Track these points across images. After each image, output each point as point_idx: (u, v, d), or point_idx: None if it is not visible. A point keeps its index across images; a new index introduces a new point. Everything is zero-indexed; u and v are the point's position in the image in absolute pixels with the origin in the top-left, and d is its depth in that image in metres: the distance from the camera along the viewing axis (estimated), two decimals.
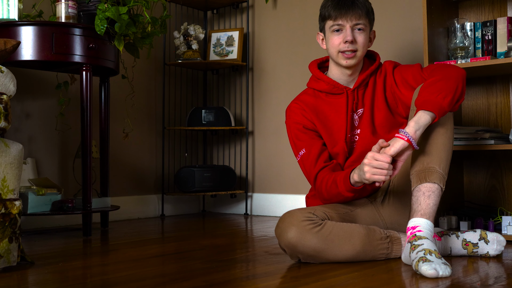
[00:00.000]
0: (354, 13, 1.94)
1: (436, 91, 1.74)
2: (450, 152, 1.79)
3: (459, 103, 1.79)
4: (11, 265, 1.73)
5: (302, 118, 2.02)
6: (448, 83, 1.76)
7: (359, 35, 1.96)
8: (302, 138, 2.00)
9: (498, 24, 2.42)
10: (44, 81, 2.94)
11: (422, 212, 1.72)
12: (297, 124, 2.02)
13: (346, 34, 1.94)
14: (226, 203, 3.70)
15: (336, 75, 2.04)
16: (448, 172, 1.78)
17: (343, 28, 1.96)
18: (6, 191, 1.72)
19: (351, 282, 1.52)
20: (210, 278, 1.61)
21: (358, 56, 1.97)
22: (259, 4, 3.61)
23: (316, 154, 1.96)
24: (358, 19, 1.95)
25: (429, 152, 1.76)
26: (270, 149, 3.51)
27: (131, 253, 2.09)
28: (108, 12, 2.42)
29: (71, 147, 3.05)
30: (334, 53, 1.98)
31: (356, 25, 1.95)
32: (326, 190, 1.90)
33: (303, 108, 2.03)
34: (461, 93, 1.78)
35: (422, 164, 1.76)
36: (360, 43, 1.96)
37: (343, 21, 1.95)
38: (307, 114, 2.02)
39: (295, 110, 2.05)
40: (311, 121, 2.02)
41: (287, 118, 2.07)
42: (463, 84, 1.79)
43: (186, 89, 3.72)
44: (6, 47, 1.85)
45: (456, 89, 1.76)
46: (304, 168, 1.99)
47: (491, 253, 1.86)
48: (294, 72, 3.41)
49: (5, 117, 1.73)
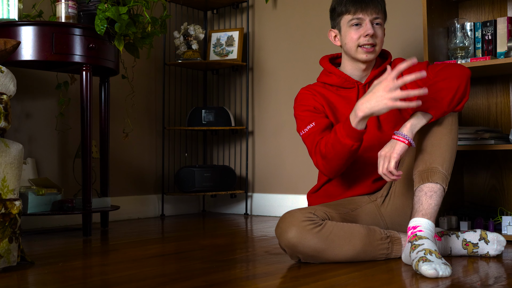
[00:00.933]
0: (374, 7, 1.96)
1: (435, 91, 1.74)
2: (454, 152, 1.79)
3: (462, 103, 1.78)
4: (11, 265, 1.73)
5: (313, 101, 1.99)
6: (449, 83, 1.76)
7: (378, 29, 1.97)
8: (312, 115, 1.96)
9: (498, 24, 2.42)
10: (44, 81, 2.94)
11: (424, 212, 1.72)
12: (308, 106, 1.98)
13: (366, 28, 1.94)
14: (226, 203, 3.70)
15: (349, 70, 2.03)
16: (451, 173, 1.79)
17: (362, 22, 1.95)
18: (6, 191, 1.72)
19: (351, 282, 1.52)
20: (210, 278, 1.61)
21: (376, 50, 1.98)
22: (259, 4, 3.61)
23: (324, 126, 1.92)
24: (377, 13, 1.96)
25: (432, 152, 1.76)
26: (270, 149, 3.51)
27: (131, 253, 2.09)
28: (108, 12, 2.42)
29: (71, 147, 3.05)
30: (353, 48, 1.97)
31: (376, 19, 1.96)
32: (326, 145, 1.84)
33: (314, 93, 2.01)
34: (463, 92, 1.77)
35: (425, 164, 1.76)
36: (379, 38, 1.97)
37: (364, 14, 1.95)
38: (318, 98, 1.99)
39: (306, 96, 2.01)
40: (321, 104, 1.98)
41: (296, 102, 2.03)
42: (466, 83, 1.78)
43: (186, 89, 3.72)
44: (6, 47, 1.85)
45: (458, 89, 1.76)
46: (309, 139, 1.92)
47: (491, 253, 1.86)
48: (294, 72, 3.41)
49: (5, 117, 1.73)
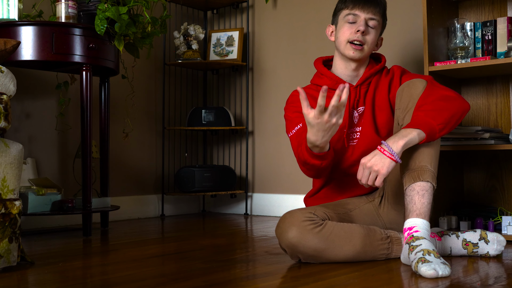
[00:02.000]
0: (372, 6, 1.97)
1: (438, 119, 1.74)
2: (438, 150, 1.80)
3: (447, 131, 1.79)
4: (11, 265, 1.73)
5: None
6: (452, 116, 1.76)
7: (371, 31, 1.98)
8: (300, 117, 1.96)
9: (498, 24, 2.42)
10: (44, 81, 2.94)
11: (418, 212, 1.72)
12: (297, 108, 2.00)
13: (359, 24, 1.96)
14: (226, 203, 3.70)
15: (340, 69, 2.04)
16: (437, 170, 1.79)
17: (357, 19, 1.97)
18: (6, 191, 1.72)
19: (351, 282, 1.52)
20: (210, 278, 1.61)
21: (364, 51, 1.98)
22: (259, 4, 3.61)
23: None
24: (374, 14, 1.97)
25: (419, 151, 1.76)
26: (270, 149, 3.51)
27: (131, 253, 2.09)
28: (108, 12, 2.42)
29: (71, 147, 3.05)
30: (343, 43, 1.99)
31: (371, 20, 1.97)
32: (302, 155, 1.86)
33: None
34: (454, 128, 1.79)
35: (414, 163, 1.76)
36: (370, 39, 1.98)
37: (360, 12, 1.96)
38: (309, 102, 2.00)
39: (296, 98, 2.03)
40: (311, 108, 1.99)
41: (287, 103, 2.06)
42: (460, 120, 1.80)
43: (186, 89, 3.72)
44: (6, 47, 1.85)
45: (454, 125, 1.78)
46: (294, 143, 1.95)
47: (491, 253, 1.86)
48: (294, 72, 3.41)
49: (5, 117, 1.73)
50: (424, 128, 1.72)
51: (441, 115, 1.75)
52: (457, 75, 2.50)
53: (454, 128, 1.79)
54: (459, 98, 1.82)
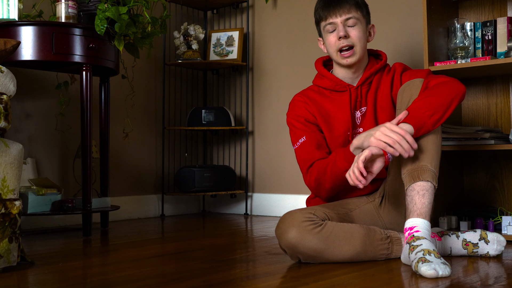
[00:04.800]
0: (342, 7, 1.95)
1: (425, 107, 1.73)
2: (439, 149, 1.78)
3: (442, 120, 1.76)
4: (11, 265, 1.73)
5: (305, 111, 2.02)
6: (442, 100, 1.74)
7: (353, 29, 1.96)
8: (303, 128, 2.00)
9: (498, 24, 2.42)
10: (44, 81, 2.94)
11: (418, 212, 1.71)
12: (299, 117, 2.02)
13: (338, 30, 1.95)
14: (226, 203, 3.70)
15: (340, 73, 2.04)
16: (439, 170, 1.78)
17: (335, 26, 1.97)
18: (6, 191, 1.72)
19: (351, 282, 1.52)
20: (210, 278, 1.61)
21: (357, 51, 1.97)
22: (259, 4, 3.61)
23: (315, 143, 1.96)
24: (348, 13, 1.95)
25: (420, 150, 1.75)
26: (270, 149, 3.51)
27: (131, 253, 2.09)
28: (108, 12, 2.42)
29: (71, 147, 3.05)
30: (334, 54, 1.99)
31: (347, 20, 1.96)
32: (318, 169, 1.90)
33: (306, 101, 2.03)
34: (451, 112, 1.76)
35: (414, 163, 1.75)
36: (355, 37, 1.96)
37: (333, 18, 1.96)
38: (310, 107, 2.02)
39: (298, 104, 2.05)
40: (313, 115, 2.01)
41: (289, 110, 2.07)
42: (457, 103, 1.77)
43: (186, 89, 3.72)
44: (6, 47, 1.85)
45: (447, 109, 1.75)
46: (301, 155, 1.97)
47: (491, 253, 1.85)
48: (294, 72, 3.41)
49: (5, 117, 1.73)
50: (410, 120, 1.71)
51: (429, 102, 1.73)
52: (457, 75, 2.50)
53: (451, 112, 1.76)
54: (452, 82, 1.80)
